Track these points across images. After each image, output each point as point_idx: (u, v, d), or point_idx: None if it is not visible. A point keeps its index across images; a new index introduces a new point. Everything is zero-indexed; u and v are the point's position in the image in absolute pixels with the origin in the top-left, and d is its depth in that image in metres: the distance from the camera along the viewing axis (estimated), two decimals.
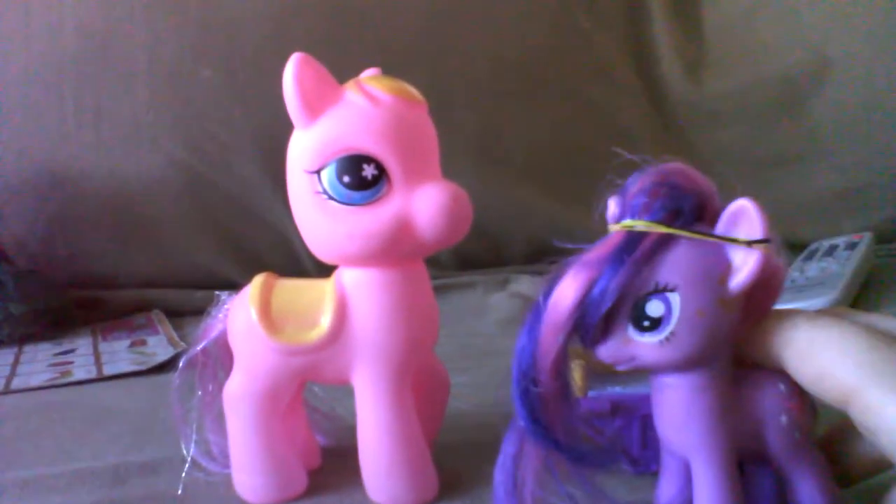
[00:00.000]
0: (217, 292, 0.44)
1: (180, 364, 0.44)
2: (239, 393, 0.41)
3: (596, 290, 0.30)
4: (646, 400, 0.40)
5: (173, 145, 0.94)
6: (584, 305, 0.30)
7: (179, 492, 0.42)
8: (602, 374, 0.43)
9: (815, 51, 1.08)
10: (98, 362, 0.69)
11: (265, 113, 0.92)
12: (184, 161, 0.94)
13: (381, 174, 0.37)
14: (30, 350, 0.75)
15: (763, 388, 0.32)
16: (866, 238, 0.84)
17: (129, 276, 0.94)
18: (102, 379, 0.65)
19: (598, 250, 0.31)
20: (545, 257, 0.97)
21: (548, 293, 0.31)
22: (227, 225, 0.96)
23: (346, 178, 0.37)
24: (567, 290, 0.30)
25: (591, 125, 1.08)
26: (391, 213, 0.37)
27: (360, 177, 0.37)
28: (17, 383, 0.64)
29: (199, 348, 0.43)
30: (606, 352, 0.31)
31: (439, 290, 0.97)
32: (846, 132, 1.05)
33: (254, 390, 0.41)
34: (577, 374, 0.42)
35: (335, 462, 0.46)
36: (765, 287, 0.31)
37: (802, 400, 0.32)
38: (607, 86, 1.11)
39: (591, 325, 0.30)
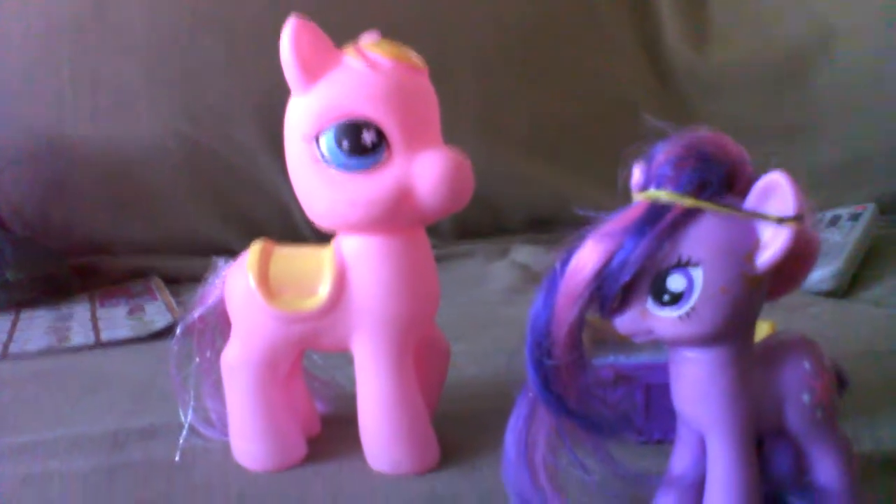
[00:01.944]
0: (214, 258, 0.43)
1: (178, 331, 0.43)
2: (237, 360, 0.41)
3: (615, 262, 0.29)
4: (649, 369, 0.40)
5: (171, 113, 0.93)
6: (602, 276, 0.29)
7: (177, 458, 0.42)
8: (603, 341, 0.42)
9: (821, 21, 1.07)
10: (96, 329, 0.69)
11: (264, 81, 0.90)
12: (182, 129, 0.93)
13: (381, 140, 0.36)
14: (27, 316, 0.74)
15: (786, 364, 0.32)
16: (870, 209, 0.83)
17: (127, 243, 0.93)
18: (100, 345, 0.65)
19: (620, 220, 0.30)
20: (546, 226, 0.97)
21: (565, 262, 0.30)
22: (226, 193, 0.96)
23: (345, 144, 0.36)
24: (585, 260, 0.29)
25: (595, 95, 1.07)
26: (392, 179, 0.36)
27: (360, 143, 0.36)
28: (14, 349, 0.64)
29: (196, 315, 0.43)
30: (623, 324, 0.31)
31: (439, 259, 0.95)
32: (851, 103, 1.04)
33: (252, 358, 0.40)
34: None
35: (335, 429, 0.45)
36: (798, 259, 0.30)
37: (827, 378, 0.31)
38: (611, 56, 1.10)
39: (608, 296, 0.30)
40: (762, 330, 0.41)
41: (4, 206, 0.89)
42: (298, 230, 0.93)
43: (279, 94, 0.39)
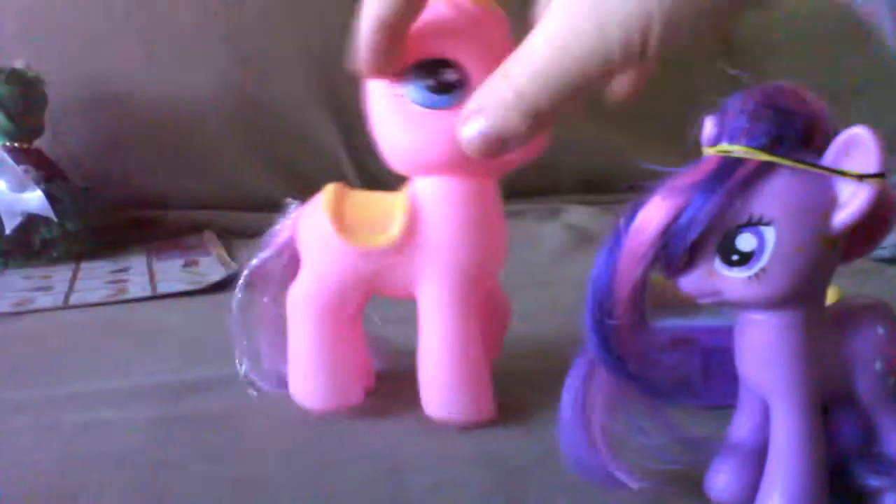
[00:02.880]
0: (288, 200, 0.43)
1: (243, 276, 0.44)
2: (305, 294, 0.41)
3: (683, 219, 0.28)
4: (708, 333, 0.39)
5: (224, 63, 0.94)
6: (668, 234, 0.28)
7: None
8: (664, 303, 0.41)
9: None
10: (152, 281, 0.70)
11: (318, 33, 0.90)
12: (234, 79, 0.94)
13: (463, 80, 0.37)
14: (87, 267, 0.76)
15: (859, 330, 0.30)
16: None
17: (180, 195, 0.95)
18: (157, 297, 0.66)
19: (689, 175, 0.28)
20: (598, 186, 0.96)
21: (630, 219, 0.29)
22: (276, 145, 0.96)
23: (428, 81, 0.37)
24: (651, 218, 0.28)
25: None
26: None
27: (443, 80, 0.37)
28: (75, 299, 0.66)
29: (264, 257, 0.43)
30: (689, 284, 0.29)
31: None
32: None
33: (320, 292, 0.41)
34: None
35: (389, 386, 0.46)
36: (876, 220, 0.29)
37: None
38: None
39: (674, 255, 0.28)
40: (828, 295, 0.40)
41: (63, 157, 0.90)
42: (349, 184, 0.93)
43: (332, 45, 0.39)
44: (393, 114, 0.38)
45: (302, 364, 0.42)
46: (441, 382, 0.40)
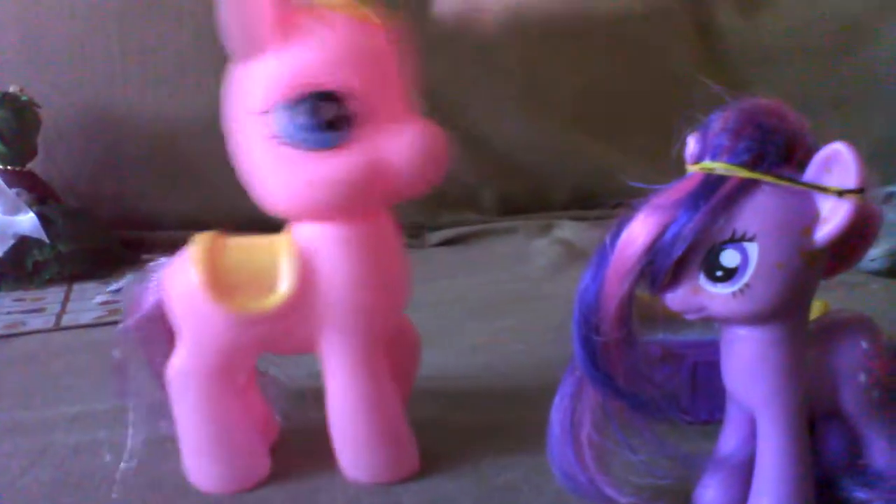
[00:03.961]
0: (147, 257, 0.39)
1: (116, 342, 0.40)
2: (186, 371, 0.36)
3: (668, 236, 0.28)
4: (696, 347, 0.39)
5: (217, 85, 0.94)
6: (653, 251, 0.28)
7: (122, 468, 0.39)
8: (652, 318, 0.42)
9: None
10: None
11: None
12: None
13: (345, 113, 0.32)
14: (79, 288, 0.76)
15: (843, 343, 0.31)
16: None
17: (174, 216, 0.95)
18: None
19: (673, 192, 0.28)
20: (590, 202, 0.96)
21: (615, 236, 0.29)
22: None
23: (302, 119, 0.32)
24: (636, 234, 0.28)
25: (642, 68, 1.05)
26: (360, 156, 0.32)
27: (320, 117, 0.32)
28: (67, 320, 0.66)
29: (129, 323, 0.39)
30: (674, 300, 0.30)
31: (480, 234, 0.97)
32: None
33: (203, 367, 0.36)
34: None
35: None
36: (858, 234, 0.29)
37: (885, 358, 0.30)
38: (659, 27, 1.08)
39: (659, 271, 0.29)
40: (814, 309, 0.40)
41: (58, 178, 0.90)
42: None
43: None
44: (264, 155, 0.33)
45: (193, 445, 0.37)
46: (359, 442, 0.37)
